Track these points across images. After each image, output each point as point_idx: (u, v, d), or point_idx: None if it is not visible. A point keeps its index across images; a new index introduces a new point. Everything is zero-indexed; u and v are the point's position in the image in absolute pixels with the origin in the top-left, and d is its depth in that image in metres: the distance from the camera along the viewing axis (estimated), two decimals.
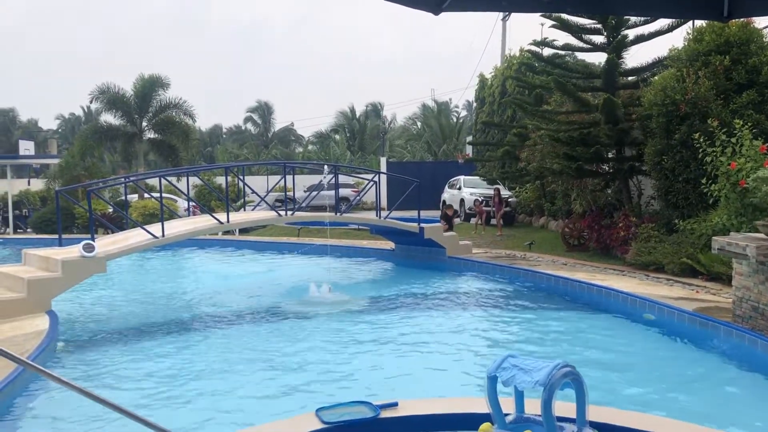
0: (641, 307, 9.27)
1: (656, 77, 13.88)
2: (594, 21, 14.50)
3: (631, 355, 7.74)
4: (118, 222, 19.38)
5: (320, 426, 4.06)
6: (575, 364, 3.56)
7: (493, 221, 20.57)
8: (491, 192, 21.39)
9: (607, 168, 15.54)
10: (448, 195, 26.27)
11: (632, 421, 4.07)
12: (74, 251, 9.95)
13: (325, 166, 16.39)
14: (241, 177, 18.89)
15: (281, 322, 9.75)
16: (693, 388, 6.49)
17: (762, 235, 7.61)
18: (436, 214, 24.74)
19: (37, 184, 31.88)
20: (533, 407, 3.61)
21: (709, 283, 10.48)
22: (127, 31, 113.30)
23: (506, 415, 3.72)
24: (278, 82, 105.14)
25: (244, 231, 20.96)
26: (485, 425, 3.62)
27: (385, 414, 4.21)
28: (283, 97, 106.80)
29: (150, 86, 26.86)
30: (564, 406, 3.81)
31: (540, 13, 14.06)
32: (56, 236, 11.56)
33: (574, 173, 14.71)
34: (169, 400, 6.20)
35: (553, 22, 14.74)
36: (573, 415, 3.64)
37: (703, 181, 10.75)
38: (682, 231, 11.63)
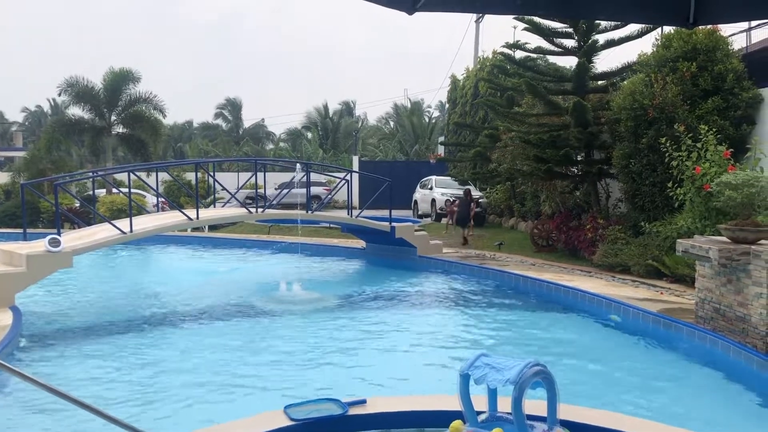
0: (607, 308, 9.42)
1: (625, 82, 14.09)
2: (565, 25, 14.66)
3: (596, 354, 7.86)
4: (85, 217, 19.07)
5: (288, 423, 4.06)
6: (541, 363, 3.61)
7: None
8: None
9: (576, 170, 15.74)
10: (419, 195, 26.36)
11: (602, 420, 4.15)
12: (39, 246, 9.78)
13: (297, 165, 16.34)
14: (212, 173, 18.74)
15: (251, 319, 9.71)
16: (657, 387, 6.63)
17: (724, 239, 7.79)
18: (408, 213, 24.84)
19: (2, 177, 31.20)
20: (508, 406, 3.65)
21: (673, 284, 10.69)
22: (96, 24, 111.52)
23: (479, 413, 3.75)
24: (248, 78, 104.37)
25: (213, 228, 20.77)
26: (456, 423, 3.65)
27: (354, 411, 4.23)
28: (253, 93, 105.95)
29: (120, 80, 26.42)
30: (537, 405, 3.86)
31: (513, 16, 14.17)
32: (20, 230, 11.36)
33: (544, 175, 14.88)
34: (135, 397, 6.14)
35: (526, 25, 14.87)
36: (545, 414, 3.70)
37: (669, 184, 10.95)
38: (648, 233, 11.84)
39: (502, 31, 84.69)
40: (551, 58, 18.86)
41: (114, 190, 24.03)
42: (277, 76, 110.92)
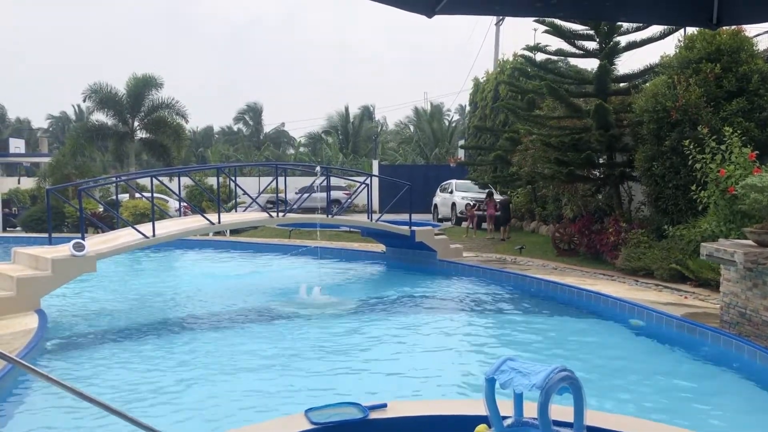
0: (630, 312, 9.32)
1: (648, 84, 13.97)
2: (586, 27, 14.57)
3: (619, 359, 7.78)
4: (108, 221, 19.30)
5: (309, 427, 4.06)
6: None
7: (485, 225, 20.62)
8: (482, 196, 21.46)
9: (597, 173, 15.62)
10: (439, 198, 26.32)
11: (629, 426, 4.08)
12: (64, 250, 9.91)
13: (317, 168, 16.42)
14: (233, 178, 18.87)
15: (271, 323, 9.75)
16: (682, 393, 6.54)
17: (750, 242, 7.68)
18: (427, 217, 24.82)
19: (28, 183, 31.71)
20: (534, 411, 3.62)
21: (697, 288, 10.55)
22: (117, 31, 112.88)
23: (504, 418, 3.72)
24: (269, 83, 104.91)
25: (235, 232, 20.92)
26: (481, 427, 3.62)
27: (374, 415, 4.21)
28: (273, 98, 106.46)
29: (143, 86, 26.76)
30: (563, 410, 3.82)
31: (533, 18, 14.11)
32: (46, 235, 11.52)
33: (565, 178, 14.78)
34: (156, 400, 6.19)
35: (546, 28, 14.80)
36: (571, 419, 3.65)
37: (693, 187, 10.82)
38: (672, 237, 11.71)
39: (523, 34, 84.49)
40: (572, 61, 18.77)
41: (137, 195, 24.32)
42: (297, 80, 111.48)
